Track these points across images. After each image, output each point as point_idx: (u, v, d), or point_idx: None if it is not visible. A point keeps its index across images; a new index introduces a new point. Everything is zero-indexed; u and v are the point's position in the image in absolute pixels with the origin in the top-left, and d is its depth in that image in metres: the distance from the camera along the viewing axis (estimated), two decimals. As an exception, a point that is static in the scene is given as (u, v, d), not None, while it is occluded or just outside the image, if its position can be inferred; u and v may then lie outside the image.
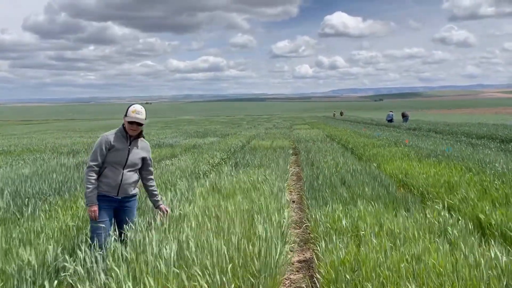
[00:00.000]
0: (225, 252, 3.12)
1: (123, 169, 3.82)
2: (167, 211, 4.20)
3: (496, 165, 8.33)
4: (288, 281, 3.96)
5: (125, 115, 3.88)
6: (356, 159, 11.08)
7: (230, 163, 10.30)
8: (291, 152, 14.41)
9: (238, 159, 10.79)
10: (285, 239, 4.05)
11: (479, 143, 14.79)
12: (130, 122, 3.84)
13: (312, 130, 27.95)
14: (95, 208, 3.71)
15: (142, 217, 4.57)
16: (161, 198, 4.06)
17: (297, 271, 4.24)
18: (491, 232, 4.26)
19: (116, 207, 3.88)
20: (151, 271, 2.96)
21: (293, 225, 5.79)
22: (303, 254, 4.72)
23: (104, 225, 3.71)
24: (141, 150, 3.98)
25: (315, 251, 4.00)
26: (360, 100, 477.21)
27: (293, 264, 4.41)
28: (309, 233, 5.21)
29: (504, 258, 3.22)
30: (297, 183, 9.01)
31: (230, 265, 3.01)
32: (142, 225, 3.85)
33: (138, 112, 3.86)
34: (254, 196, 5.49)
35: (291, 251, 4.71)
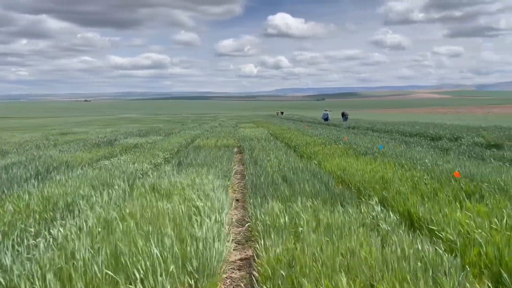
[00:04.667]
0: (160, 254, 3.05)
1: None
2: None
3: (426, 161, 8.89)
4: (229, 280, 3.95)
5: None
6: (298, 157, 11.32)
7: (173, 162, 10.12)
8: (235, 150, 14.49)
9: (181, 158, 10.63)
10: (225, 238, 4.03)
11: (412, 141, 15.70)
12: None
13: (257, 128, 28.19)
14: None
15: (73, 220, 4.35)
16: None
17: (238, 270, 4.25)
18: (420, 225, 4.53)
19: None
20: (82, 276, 2.83)
21: (235, 223, 5.80)
22: (245, 252, 4.74)
23: None
24: None
25: (255, 248, 4.03)
26: (303, 100, 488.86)
27: (235, 263, 4.41)
28: (251, 231, 5.24)
29: (430, 249, 3.44)
30: (241, 182, 9.03)
31: (166, 266, 2.94)
32: (72, 229, 3.66)
33: None
34: (195, 196, 5.43)
35: (234, 250, 4.72)
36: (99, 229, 3.83)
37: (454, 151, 11.77)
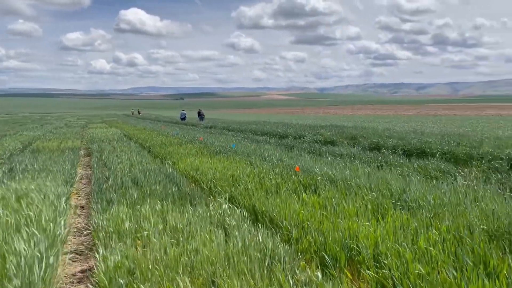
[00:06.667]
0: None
1: None
2: None
3: (273, 158, 9.57)
4: (66, 295, 3.61)
5: None
6: (152, 158, 11.02)
7: (3, 168, 8.81)
8: (82, 153, 13.48)
9: (14, 164, 9.33)
10: (60, 250, 3.66)
11: (262, 139, 16.75)
12: None
13: (109, 129, 26.55)
14: None
15: None
16: None
17: (79, 282, 3.91)
18: (263, 218, 4.83)
19: None
20: None
21: (78, 232, 5.35)
22: (87, 263, 4.39)
23: None
24: None
25: (95, 258, 3.75)
26: (161, 99, 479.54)
27: (74, 275, 4.05)
28: (94, 239, 4.88)
29: (269, 240, 3.68)
30: (86, 187, 8.36)
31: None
32: None
33: None
34: (27, 205, 4.80)
35: (74, 261, 4.34)
36: None
37: (297, 148, 12.96)
